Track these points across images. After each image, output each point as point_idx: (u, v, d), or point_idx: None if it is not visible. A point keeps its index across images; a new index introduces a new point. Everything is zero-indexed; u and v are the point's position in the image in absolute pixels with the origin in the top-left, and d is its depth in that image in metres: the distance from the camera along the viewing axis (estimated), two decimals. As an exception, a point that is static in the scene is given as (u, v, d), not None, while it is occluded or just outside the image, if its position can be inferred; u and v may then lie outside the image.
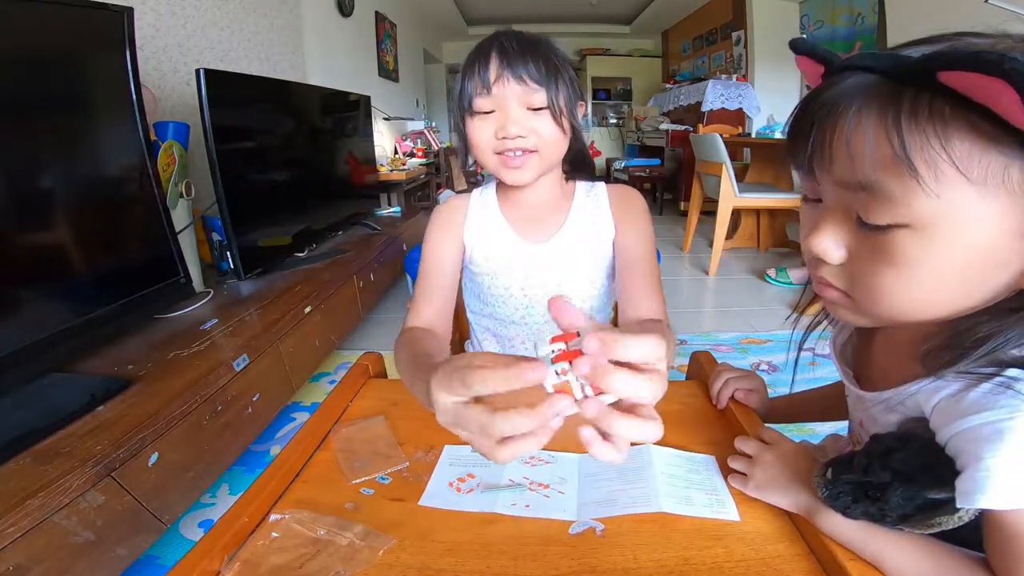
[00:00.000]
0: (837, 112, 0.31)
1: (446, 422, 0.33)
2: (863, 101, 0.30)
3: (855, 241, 0.34)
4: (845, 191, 0.33)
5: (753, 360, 1.82)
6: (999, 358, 0.32)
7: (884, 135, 0.29)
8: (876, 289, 0.34)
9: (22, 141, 0.89)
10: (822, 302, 0.50)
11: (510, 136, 0.62)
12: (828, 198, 0.35)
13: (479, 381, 0.29)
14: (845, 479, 0.37)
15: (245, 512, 0.42)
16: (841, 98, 0.31)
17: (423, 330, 0.66)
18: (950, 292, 0.32)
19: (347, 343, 1.92)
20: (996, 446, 0.30)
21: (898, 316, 0.35)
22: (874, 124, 0.29)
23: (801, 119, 0.35)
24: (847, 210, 0.34)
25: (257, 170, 1.69)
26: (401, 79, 4.76)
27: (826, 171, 0.33)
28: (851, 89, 0.31)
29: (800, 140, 0.35)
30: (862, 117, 0.30)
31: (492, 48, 0.63)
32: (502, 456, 0.30)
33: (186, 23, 1.91)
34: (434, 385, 0.33)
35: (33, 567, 0.69)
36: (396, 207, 3.07)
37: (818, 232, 0.35)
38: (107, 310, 1.03)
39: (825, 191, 0.35)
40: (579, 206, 0.74)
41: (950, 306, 0.33)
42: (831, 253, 0.35)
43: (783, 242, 3.25)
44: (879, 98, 0.30)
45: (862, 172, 0.30)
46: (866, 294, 0.35)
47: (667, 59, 6.59)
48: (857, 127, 0.30)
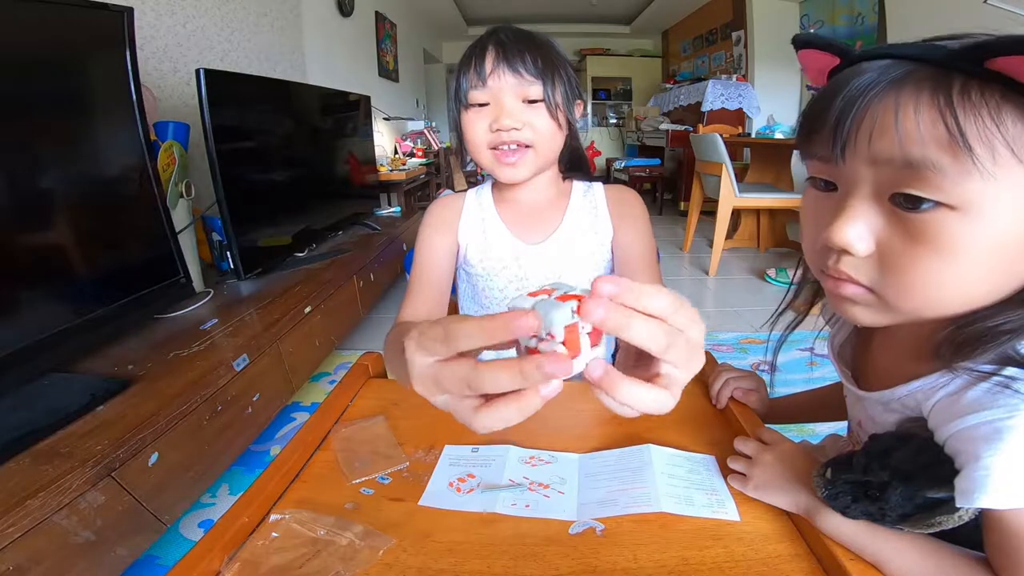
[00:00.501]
0: (880, 92, 0.30)
1: (424, 389, 0.29)
2: (910, 82, 0.29)
3: (886, 228, 0.32)
4: (884, 170, 0.31)
5: (753, 360, 1.82)
6: (1008, 353, 0.31)
7: (938, 114, 0.28)
8: (913, 279, 0.31)
9: (22, 141, 0.89)
10: (820, 304, 0.50)
11: (504, 128, 0.61)
12: (856, 180, 0.33)
13: (463, 335, 0.25)
14: (845, 479, 0.37)
15: (245, 512, 0.42)
16: (880, 80, 0.30)
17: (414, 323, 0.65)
18: (989, 281, 0.31)
19: (347, 343, 1.92)
20: (995, 445, 0.30)
21: (932, 309, 0.33)
22: (927, 103, 0.28)
23: (826, 103, 0.33)
24: (879, 192, 0.32)
25: (257, 170, 1.69)
26: (401, 79, 4.76)
27: (862, 150, 0.31)
28: (890, 72, 0.30)
29: (825, 121, 0.33)
30: (913, 97, 0.29)
31: (489, 41, 0.62)
32: (481, 421, 0.26)
33: (186, 23, 1.91)
34: (410, 348, 0.28)
35: (33, 567, 0.69)
36: (396, 207, 3.07)
37: (843, 219, 0.32)
38: (107, 310, 1.03)
39: (854, 172, 0.32)
40: (576, 206, 0.73)
41: (986, 297, 0.32)
42: (858, 244, 0.32)
43: (783, 242, 3.24)
44: (928, 80, 0.29)
45: (912, 149, 0.29)
46: (899, 285, 0.32)
47: (667, 59, 6.59)
48: (907, 107, 0.29)
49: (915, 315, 0.34)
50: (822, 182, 0.36)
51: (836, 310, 0.39)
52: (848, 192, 0.33)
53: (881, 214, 0.32)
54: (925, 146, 0.28)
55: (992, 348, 0.31)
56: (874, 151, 0.31)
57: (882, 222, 0.32)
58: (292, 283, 1.62)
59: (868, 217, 0.32)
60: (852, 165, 0.32)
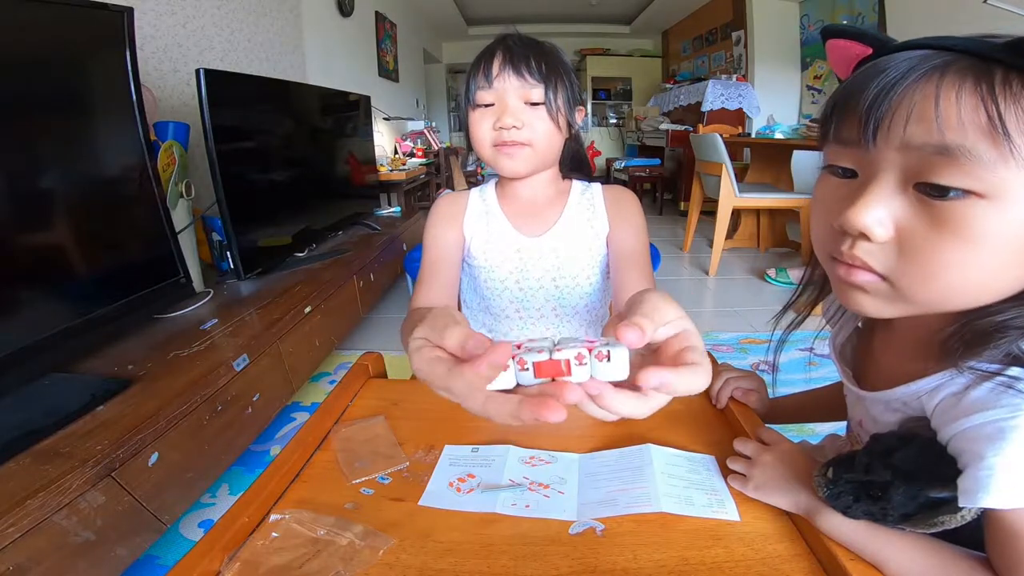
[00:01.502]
0: (921, 77, 0.30)
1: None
2: (953, 70, 0.30)
3: (909, 214, 0.32)
4: (915, 155, 0.31)
5: (753, 360, 1.82)
6: (1015, 352, 0.31)
7: (979, 101, 0.28)
8: (934, 266, 0.31)
9: (22, 141, 0.89)
10: (822, 304, 0.50)
11: (506, 126, 0.65)
12: (882, 166, 0.32)
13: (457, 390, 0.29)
14: (846, 478, 0.37)
15: (245, 512, 0.42)
16: (921, 67, 0.31)
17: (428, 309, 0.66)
18: (1007, 273, 0.31)
19: (347, 343, 1.92)
20: (998, 445, 0.30)
21: (948, 299, 0.33)
22: (969, 91, 0.29)
23: (860, 86, 0.33)
24: (904, 180, 0.32)
25: (257, 170, 1.69)
26: (401, 79, 4.76)
27: (895, 135, 0.31)
28: (931, 60, 0.31)
29: (857, 105, 0.33)
30: (956, 83, 0.29)
31: (498, 47, 0.67)
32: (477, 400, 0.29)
33: (186, 23, 1.91)
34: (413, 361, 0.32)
35: (33, 567, 0.69)
36: (396, 207, 3.07)
37: (864, 203, 0.32)
38: (107, 310, 1.03)
39: (881, 159, 0.32)
40: (575, 203, 0.76)
41: (1003, 289, 0.32)
42: (877, 228, 0.32)
43: (783, 242, 3.25)
44: (971, 70, 0.29)
45: (950, 134, 0.29)
46: (916, 273, 0.32)
47: (667, 59, 6.59)
48: (948, 92, 0.29)
49: (928, 306, 0.34)
50: (840, 169, 0.36)
51: (842, 300, 0.38)
52: (871, 177, 0.33)
53: (904, 201, 0.32)
54: (964, 132, 0.29)
55: (1004, 344, 0.31)
56: (908, 136, 0.31)
57: (904, 209, 0.32)
58: (292, 283, 1.62)
59: (890, 202, 0.32)
60: (881, 150, 0.32)
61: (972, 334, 0.33)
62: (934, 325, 0.36)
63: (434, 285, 0.71)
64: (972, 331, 0.33)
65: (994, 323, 0.32)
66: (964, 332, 0.33)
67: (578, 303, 0.76)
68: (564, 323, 0.78)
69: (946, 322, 0.35)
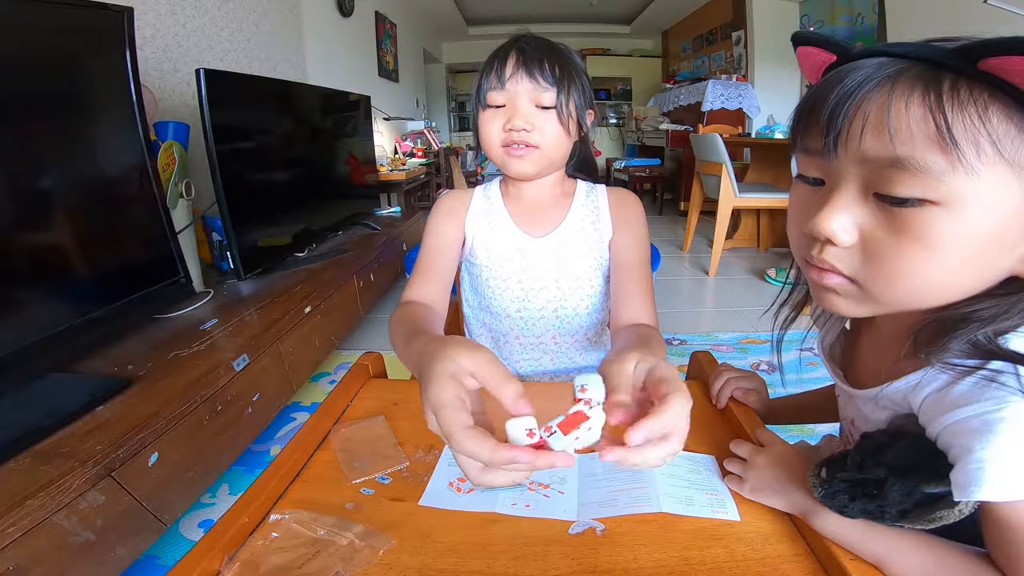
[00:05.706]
0: (874, 88, 0.31)
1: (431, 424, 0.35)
2: (903, 80, 0.30)
3: (871, 220, 0.33)
4: (871, 167, 0.32)
5: (753, 360, 1.82)
6: (987, 346, 0.32)
7: (928, 112, 0.29)
8: (895, 269, 0.33)
9: (22, 141, 0.89)
10: (811, 306, 0.51)
11: (516, 128, 0.65)
12: (844, 176, 0.34)
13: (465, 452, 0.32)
14: (840, 477, 0.37)
15: (245, 512, 0.42)
16: (875, 76, 0.31)
17: (423, 305, 0.67)
18: (967, 274, 0.32)
19: (347, 343, 1.92)
20: (986, 438, 0.30)
21: (912, 300, 0.34)
22: (918, 102, 0.29)
23: (821, 97, 0.34)
24: (865, 188, 0.33)
25: (257, 170, 1.69)
26: (401, 79, 4.76)
27: (852, 146, 0.32)
28: (885, 69, 0.31)
29: (819, 115, 0.34)
30: (905, 94, 0.30)
31: (512, 48, 0.67)
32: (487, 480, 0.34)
33: (186, 23, 1.91)
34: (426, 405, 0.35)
35: (33, 567, 0.69)
36: (396, 207, 3.07)
37: (829, 210, 0.34)
38: (107, 310, 1.03)
39: (842, 169, 0.34)
40: (579, 205, 0.76)
41: (965, 289, 0.33)
42: (841, 235, 0.33)
43: (783, 242, 3.24)
44: (920, 78, 0.30)
45: (901, 147, 0.30)
46: (881, 276, 0.33)
47: (667, 59, 6.58)
48: (898, 103, 0.30)
49: (896, 306, 0.35)
50: (810, 179, 0.37)
51: (818, 301, 0.40)
52: (835, 186, 0.34)
53: (866, 208, 0.33)
54: (914, 143, 0.29)
55: (963, 335, 0.33)
56: (864, 148, 0.32)
57: (867, 215, 0.33)
58: (292, 283, 1.62)
59: (853, 210, 0.33)
60: (843, 161, 0.33)
61: (938, 326, 0.34)
62: (916, 320, 0.36)
63: (430, 278, 0.71)
64: (938, 323, 0.34)
65: (957, 315, 0.33)
66: (930, 325, 0.35)
67: (579, 304, 0.76)
68: (565, 323, 0.78)
69: (924, 318, 0.35)
